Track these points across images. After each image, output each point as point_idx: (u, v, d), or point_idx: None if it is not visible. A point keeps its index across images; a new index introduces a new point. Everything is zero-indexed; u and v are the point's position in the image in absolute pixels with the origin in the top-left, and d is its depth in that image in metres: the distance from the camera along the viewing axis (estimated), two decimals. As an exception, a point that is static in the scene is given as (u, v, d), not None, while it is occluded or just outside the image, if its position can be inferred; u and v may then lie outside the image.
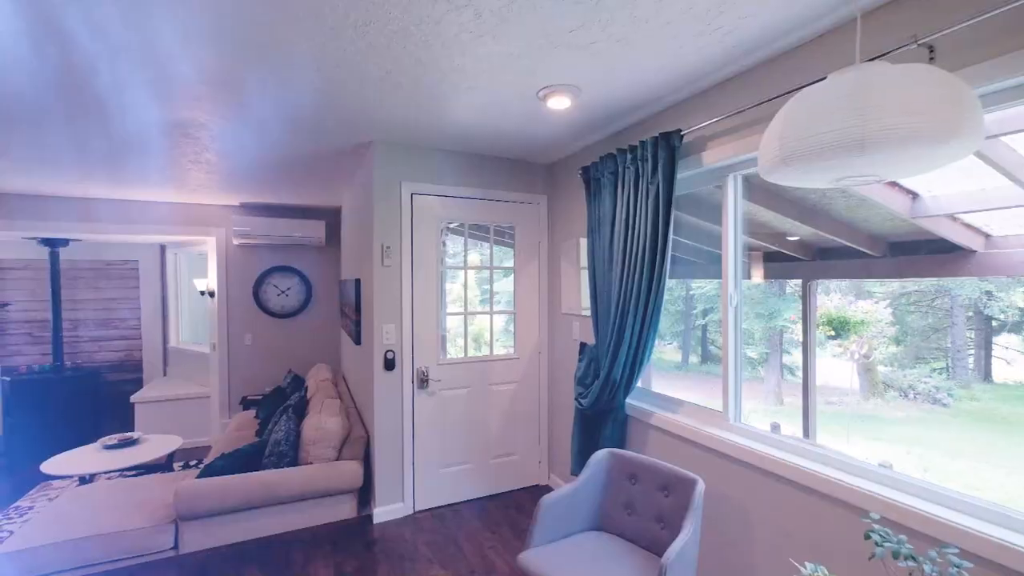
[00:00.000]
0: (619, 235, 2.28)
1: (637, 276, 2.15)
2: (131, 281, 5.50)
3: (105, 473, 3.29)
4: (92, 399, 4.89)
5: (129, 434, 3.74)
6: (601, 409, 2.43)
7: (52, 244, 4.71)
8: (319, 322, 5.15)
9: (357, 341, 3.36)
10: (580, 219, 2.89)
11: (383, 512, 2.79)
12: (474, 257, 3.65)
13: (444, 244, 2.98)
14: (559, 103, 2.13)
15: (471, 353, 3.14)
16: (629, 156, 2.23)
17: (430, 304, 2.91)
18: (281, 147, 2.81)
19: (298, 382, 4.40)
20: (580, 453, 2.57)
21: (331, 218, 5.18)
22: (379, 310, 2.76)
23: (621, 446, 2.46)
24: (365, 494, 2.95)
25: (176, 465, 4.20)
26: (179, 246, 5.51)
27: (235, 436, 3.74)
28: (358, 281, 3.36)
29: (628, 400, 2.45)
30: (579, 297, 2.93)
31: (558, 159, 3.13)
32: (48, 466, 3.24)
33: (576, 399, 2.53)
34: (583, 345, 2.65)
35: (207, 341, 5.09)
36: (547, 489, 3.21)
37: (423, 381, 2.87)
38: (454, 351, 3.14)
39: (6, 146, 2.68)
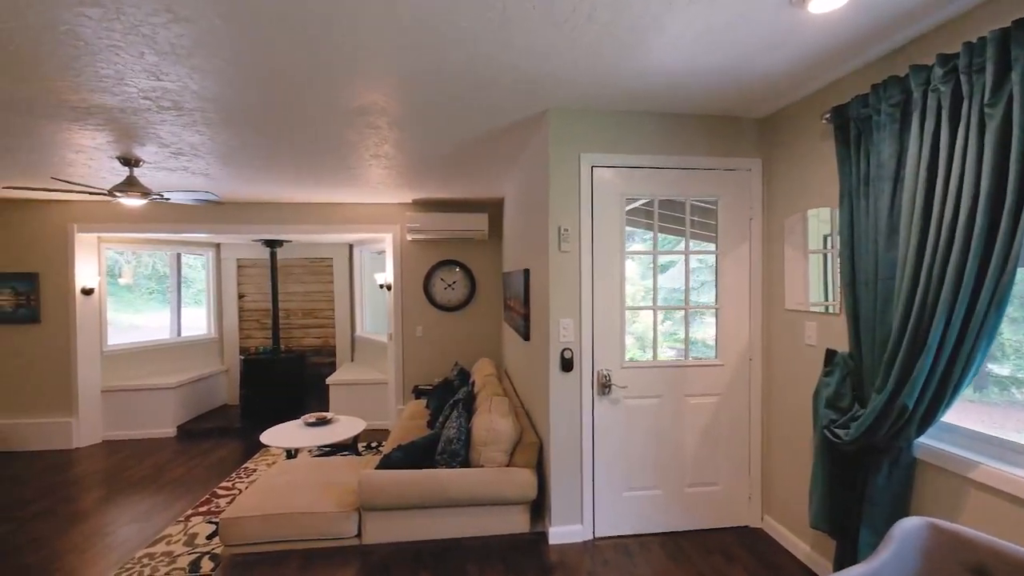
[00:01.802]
0: (914, 192, 1.54)
1: (958, 252, 1.39)
2: (327, 276, 6.22)
3: (306, 448, 3.62)
4: (299, 378, 5.61)
5: (324, 414, 4.09)
6: (871, 446, 1.70)
7: (271, 245, 5.52)
8: (482, 316, 5.12)
9: (525, 337, 3.10)
10: (817, 184, 2.15)
11: (559, 533, 2.44)
12: (662, 241, 3.11)
13: (628, 225, 2.51)
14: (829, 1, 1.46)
15: (661, 356, 2.61)
16: (939, 72, 1.47)
17: (612, 296, 2.46)
18: (451, 126, 2.65)
19: (464, 375, 4.38)
20: (827, 503, 1.86)
21: (493, 211, 5.11)
22: (555, 303, 2.41)
23: (903, 504, 1.69)
24: (538, 507, 2.64)
25: (360, 446, 4.52)
26: (363, 244, 6.05)
27: (409, 425, 3.82)
28: (526, 272, 3.09)
29: (921, 439, 1.67)
30: (810, 288, 2.19)
31: (778, 110, 2.41)
32: (264, 437, 3.67)
33: (826, 428, 1.83)
34: (832, 353, 1.93)
35: (385, 332, 5.46)
36: (760, 534, 2.51)
37: (604, 386, 2.44)
38: (640, 352, 2.64)
39: (236, 156, 3.03)
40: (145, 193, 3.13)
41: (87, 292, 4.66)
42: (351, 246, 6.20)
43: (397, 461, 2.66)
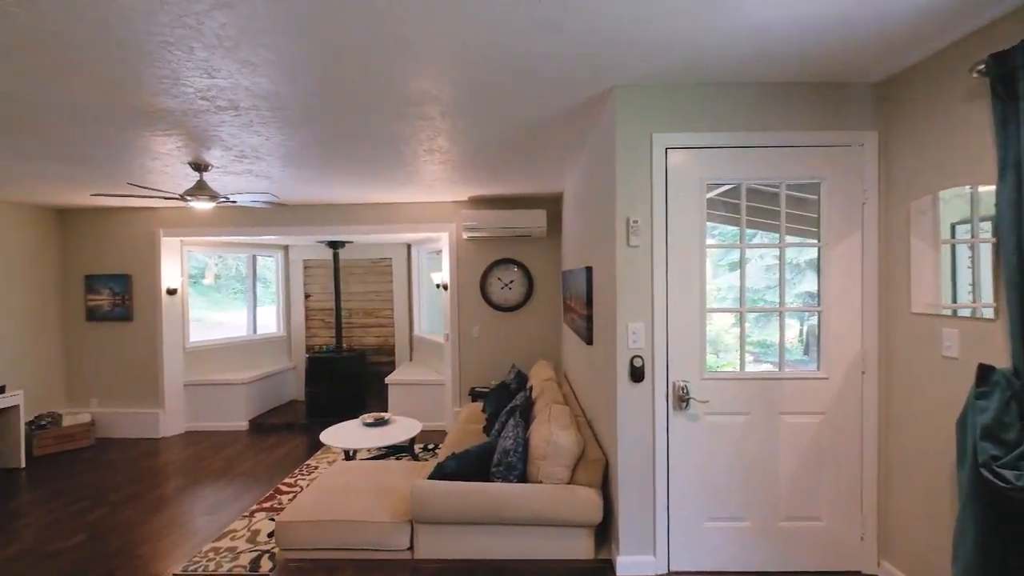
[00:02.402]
0: None
1: None
2: (386, 277, 6.28)
3: (363, 448, 3.60)
4: (360, 376, 5.70)
5: (382, 415, 4.06)
6: (1054, 495, 1.29)
7: (334, 246, 5.64)
8: (540, 316, 4.90)
9: (588, 341, 2.84)
10: (959, 158, 1.72)
11: (629, 564, 2.17)
12: (738, 235, 2.73)
13: (708, 215, 2.18)
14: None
15: (749, 367, 2.25)
16: None
17: (690, 297, 2.15)
18: (506, 113, 2.45)
19: (521, 379, 4.18)
20: (982, 561, 1.45)
21: (551, 207, 4.87)
22: (623, 304, 2.14)
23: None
24: (603, 532, 2.38)
25: (418, 447, 4.46)
26: (420, 244, 6.04)
27: (465, 429, 3.68)
28: (588, 270, 2.83)
29: None
30: (949, 287, 1.76)
31: (901, 70, 1.98)
32: (324, 436, 3.69)
33: (984, 466, 1.42)
34: (987, 370, 1.51)
35: (442, 331, 5.40)
36: (874, 582, 2.09)
37: (682, 400, 2.13)
38: (723, 362, 2.30)
39: (295, 157, 3.03)
40: (213, 196, 3.22)
41: (171, 292, 4.98)
42: (409, 246, 6.21)
43: (450, 471, 2.51)
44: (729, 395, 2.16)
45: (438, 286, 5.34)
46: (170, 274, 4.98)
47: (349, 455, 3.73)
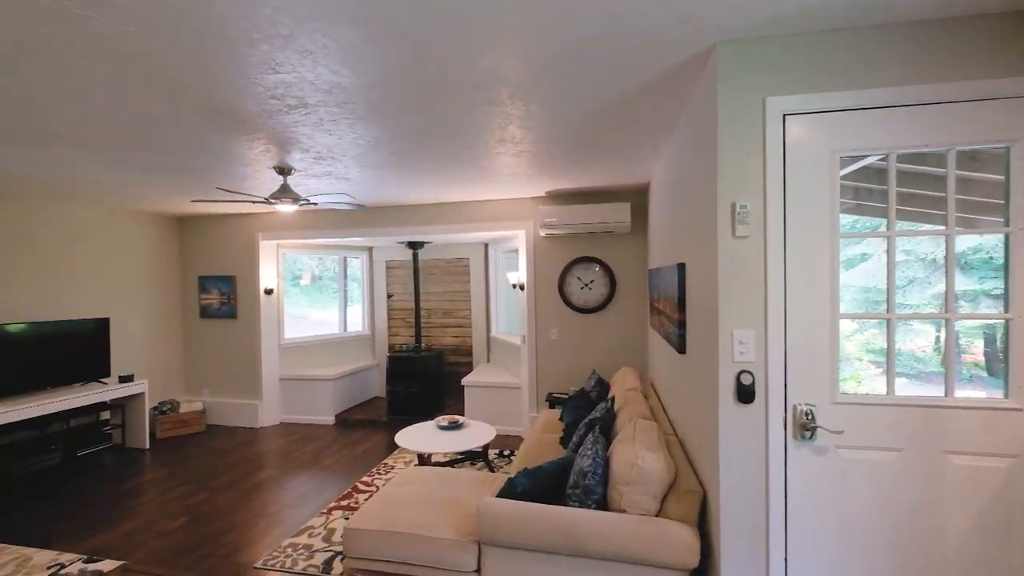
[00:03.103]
0: None
1: None
2: (464, 276, 6.24)
3: (437, 453, 3.51)
4: (438, 376, 5.70)
5: (457, 418, 3.96)
6: None
7: (413, 246, 5.70)
8: (624, 319, 4.52)
9: (680, 349, 2.46)
10: None
11: (733, 624, 1.78)
12: (862, 224, 2.19)
13: (841, 197, 1.72)
14: None
15: (902, 391, 1.75)
16: None
17: (817, 298, 1.72)
18: (583, 91, 2.16)
19: (603, 387, 3.85)
20: None
21: (636, 199, 4.47)
22: (727, 307, 1.76)
23: None
24: (699, 576, 2.01)
25: (492, 452, 4.32)
26: (496, 242, 5.92)
27: (540, 439, 3.44)
28: (680, 267, 2.45)
29: None
30: None
31: None
32: (399, 438, 3.66)
33: None
34: None
35: (519, 333, 5.22)
36: None
37: (805, 428, 1.71)
38: (860, 381, 1.82)
39: (368, 157, 3.00)
40: (295, 199, 3.30)
41: (268, 292, 5.33)
42: (486, 245, 6.12)
43: (521, 490, 2.28)
44: (872, 425, 1.69)
45: (514, 286, 5.17)
46: (267, 275, 5.33)
47: (423, 458, 3.66)
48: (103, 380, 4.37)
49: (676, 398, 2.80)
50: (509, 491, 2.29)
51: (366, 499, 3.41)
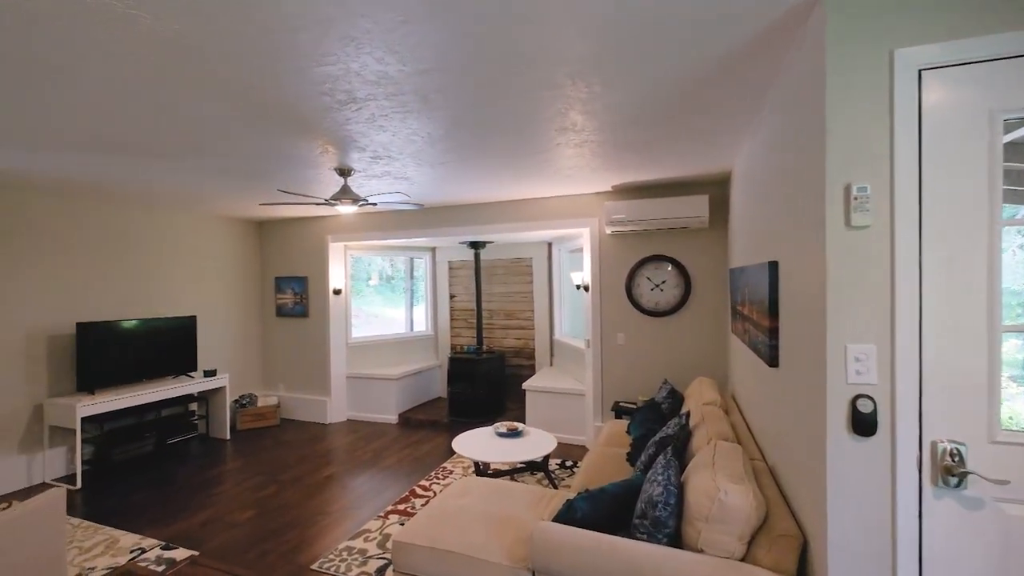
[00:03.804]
0: None
1: None
2: (526, 277, 6.06)
3: (494, 463, 3.35)
4: (500, 379, 5.57)
5: (516, 425, 3.78)
6: None
7: (475, 246, 5.62)
8: (700, 323, 4.10)
9: (771, 361, 2.09)
10: None
11: None
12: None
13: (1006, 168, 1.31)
14: None
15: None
16: None
17: (966, 306, 1.32)
18: (658, 62, 1.88)
19: (675, 399, 3.49)
20: None
21: (715, 191, 4.04)
22: (839, 315, 1.41)
23: None
24: (797, 641, 1.65)
25: (554, 462, 4.09)
26: (560, 241, 5.68)
27: (605, 454, 3.17)
28: (772, 266, 2.08)
29: None
30: None
31: None
32: (456, 444, 3.54)
33: None
34: None
35: (583, 336, 4.94)
36: None
37: (949, 472, 1.32)
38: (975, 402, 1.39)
39: (425, 154, 2.91)
40: (355, 200, 3.30)
41: (336, 292, 5.49)
42: (549, 244, 5.90)
43: (581, 515, 2.04)
44: (1051, 476, 1.26)
45: (578, 287, 4.90)
46: (336, 276, 5.49)
47: (480, 466, 3.52)
48: (191, 374, 4.71)
49: (765, 418, 2.41)
50: (567, 515, 2.06)
51: (422, 505, 3.34)
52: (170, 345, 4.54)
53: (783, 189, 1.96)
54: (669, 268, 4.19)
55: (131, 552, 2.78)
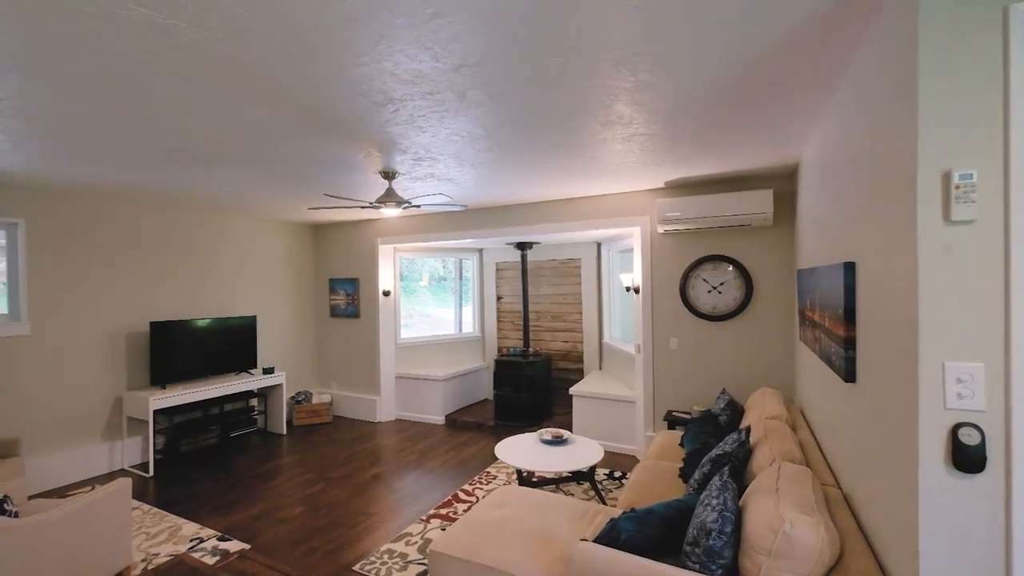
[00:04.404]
0: None
1: None
2: (575, 278, 5.89)
3: (537, 472, 3.24)
4: (546, 382, 5.45)
5: (561, 432, 3.65)
6: None
7: (521, 247, 5.53)
8: (763, 329, 3.78)
9: (846, 376, 1.84)
10: None
11: None
12: None
13: None
14: None
15: None
16: None
17: (1111, 318, 1.05)
18: (712, 40, 1.70)
19: (734, 411, 3.22)
20: None
21: (780, 185, 3.71)
22: (933, 326, 1.19)
23: None
24: None
25: (601, 472, 3.92)
26: (610, 241, 5.47)
27: (655, 467, 2.97)
28: (849, 267, 1.83)
29: None
30: None
31: None
32: (499, 450, 3.47)
33: None
34: None
35: (632, 340, 4.72)
36: None
37: (1088, 527, 1.06)
38: None
39: (466, 154, 2.86)
40: (399, 202, 3.30)
41: (386, 294, 5.59)
42: (598, 244, 5.70)
43: (625, 537, 1.89)
44: None
45: (627, 289, 4.68)
46: (385, 277, 5.60)
47: (521, 476, 3.42)
48: (251, 371, 4.96)
49: (839, 438, 2.14)
50: (610, 536, 1.91)
51: (464, 510, 3.29)
52: (232, 343, 4.80)
53: (861, 180, 1.71)
54: (729, 269, 3.89)
55: (191, 541, 2.93)
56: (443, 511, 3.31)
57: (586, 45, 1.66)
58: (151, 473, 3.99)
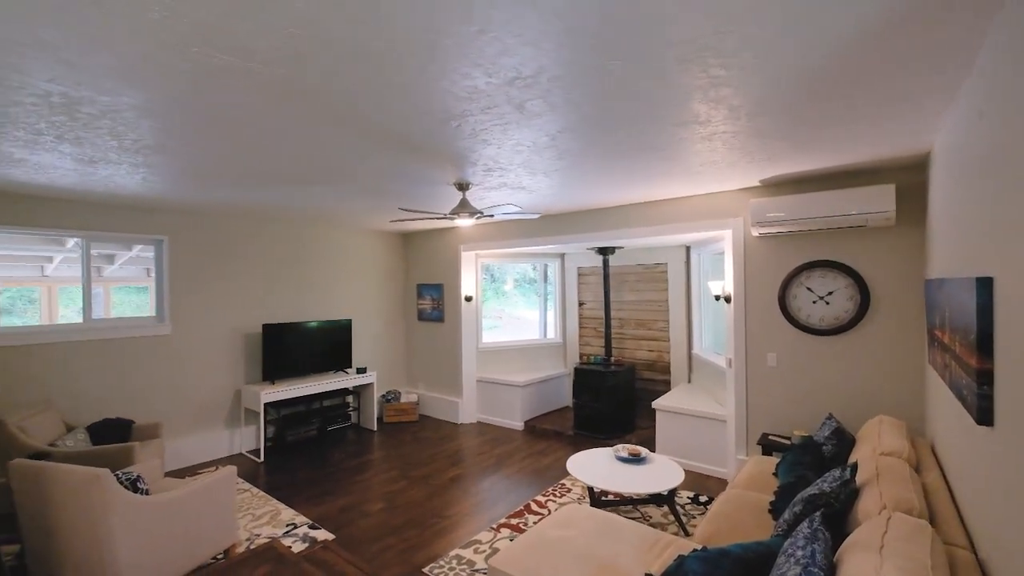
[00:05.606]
0: None
1: None
2: (661, 284, 5.57)
3: (610, 492, 3.09)
4: (629, 393, 5.21)
5: (639, 450, 3.46)
6: None
7: (603, 252, 5.35)
8: (882, 347, 3.24)
9: (981, 417, 1.48)
10: None
11: None
12: None
13: None
14: None
15: None
16: None
17: None
18: (810, 17, 1.48)
19: (842, 440, 2.80)
20: None
21: (904, 179, 3.16)
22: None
23: None
24: None
25: (685, 494, 3.64)
26: (701, 245, 5.08)
27: (742, 497, 2.68)
28: (983, 283, 1.48)
29: None
30: None
31: None
32: (570, 463, 3.37)
33: None
34: None
35: (724, 353, 4.32)
36: None
37: None
38: None
39: (536, 162, 2.83)
40: (472, 212, 3.37)
41: (468, 299, 5.75)
42: (687, 248, 5.32)
43: (694, 581, 1.71)
44: None
45: (717, 297, 4.30)
46: (467, 283, 5.76)
47: (593, 494, 3.29)
48: (346, 370, 5.39)
49: (975, 489, 1.74)
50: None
51: (535, 521, 3.25)
52: (331, 344, 5.27)
53: (1001, 174, 1.37)
54: (839, 277, 3.40)
55: (287, 526, 3.25)
56: (514, 521, 3.30)
57: (645, 44, 1.54)
58: (262, 459, 4.51)
